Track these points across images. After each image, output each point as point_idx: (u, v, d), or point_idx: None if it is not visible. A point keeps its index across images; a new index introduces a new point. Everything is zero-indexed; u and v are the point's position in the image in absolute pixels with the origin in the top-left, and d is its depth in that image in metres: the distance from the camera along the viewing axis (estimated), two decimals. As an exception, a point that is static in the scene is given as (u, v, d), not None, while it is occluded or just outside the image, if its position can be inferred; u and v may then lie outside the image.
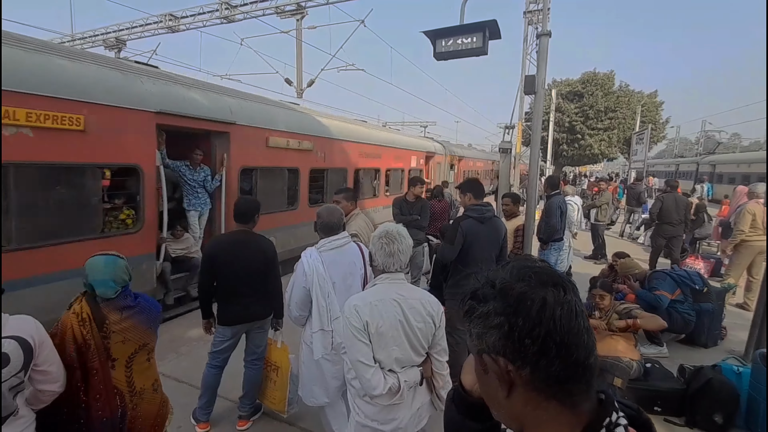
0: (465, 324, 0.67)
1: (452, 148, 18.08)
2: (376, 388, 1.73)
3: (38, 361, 1.61)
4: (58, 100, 3.72)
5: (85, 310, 1.82)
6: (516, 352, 0.60)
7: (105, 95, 4.14)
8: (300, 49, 13.27)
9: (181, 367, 3.89)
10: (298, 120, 7.40)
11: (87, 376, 1.80)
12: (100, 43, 15.90)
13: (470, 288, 0.68)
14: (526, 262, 0.67)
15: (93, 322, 1.81)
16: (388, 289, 1.86)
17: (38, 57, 3.77)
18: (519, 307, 0.60)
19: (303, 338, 2.64)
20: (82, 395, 1.79)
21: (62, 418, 1.80)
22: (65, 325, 1.80)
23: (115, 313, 1.90)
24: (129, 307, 1.94)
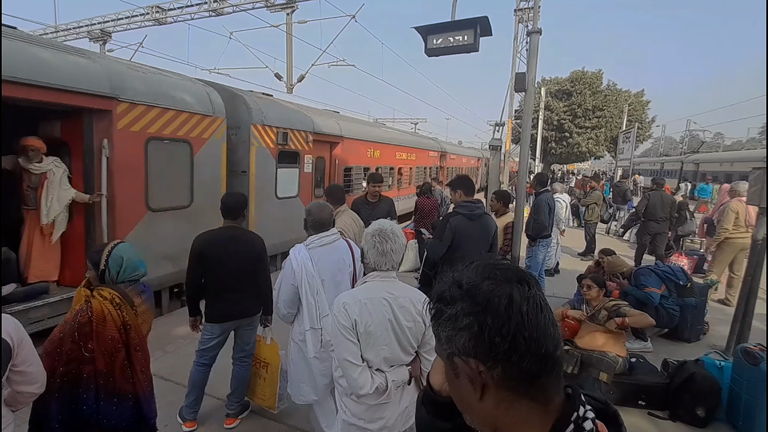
0: (433, 328, 0.66)
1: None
2: (362, 387, 1.72)
3: (17, 361, 1.56)
4: None
5: (114, 295, 1.92)
6: (487, 352, 0.59)
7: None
8: (290, 44, 13.10)
9: (167, 364, 3.83)
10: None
11: (131, 354, 1.95)
12: (84, 35, 15.48)
13: (436, 290, 0.67)
14: (490, 260, 0.67)
15: (126, 305, 1.93)
16: (379, 287, 1.84)
17: None
18: (487, 306, 0.59)
19: (291, 336, 2.62)
20: (129, 371, 1.95)
21: (112, 398, 1.89)
22: (101, 311, 1.86)
23: (137, 296, 2.03)
24: (143, 291, 2.09)
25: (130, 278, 2.06)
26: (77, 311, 1.89)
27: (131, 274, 2.05)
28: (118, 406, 1.90)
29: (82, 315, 1.86)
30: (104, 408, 1.87)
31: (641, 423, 3.21)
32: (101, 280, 2.02)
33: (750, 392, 2.98)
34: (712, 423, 3.16)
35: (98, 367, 1.85)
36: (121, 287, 2.00)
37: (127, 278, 2.05)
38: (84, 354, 1.82)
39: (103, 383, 1.87)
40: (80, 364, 1.82)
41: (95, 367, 1.84)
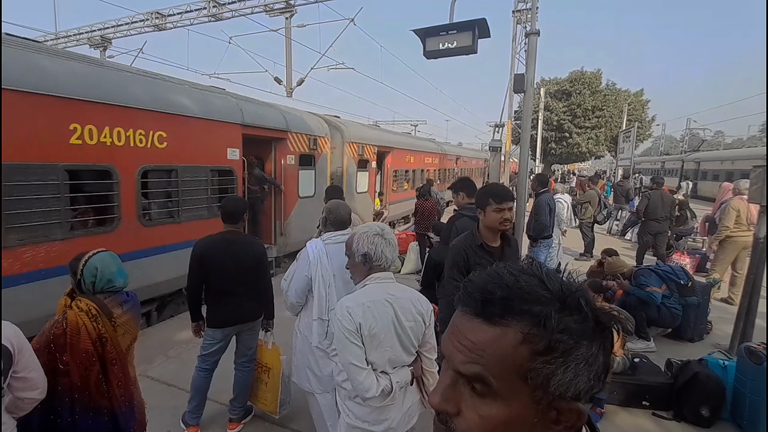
0: (542, 364, 0.52)
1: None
2: (369, 390, 1.71)
3: (17, 367, 1.56)
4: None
5: (91, 306, 1.85)
6: (587, 391, 0.53)
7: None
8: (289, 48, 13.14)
9: (169, 370, 3.83)
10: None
11: (106, 368, 1.89)
12: (84, 42, 15.54)
13: (550, 319, 0.52)
14: (576, 282, 0.59)
15: (103, 317, 1.87)
16: (379, 289, 1.84)
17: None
18: (606, 341, 0.54)
19: (298, 326, 2.66)
20: (104, 386, 1.88)
21: (88, 411, 1.85)
22: (75, 323, 1.81)
23: (117, 307, 1.96)
24: (126, 302, 2.01)
25: (107, 289, 1.97)
26: (53, 322, 1.86)
27: (106, 285, 1.96)
28: (94, 420, 1.86)
29: (57, 326, 1.83)
30: (80, 422, 1.83)
31: (645, 423, 3.19)
32: (79, 289, 1.96)
33: (754, 391, 2.97)
34: (717, 423, 3.14)
35: (73, 380, 1.81)
36: (99, 298, 1.93)
37: (103, 289, 1.96)
38: (59, 366, 1.78)
39: (78, 397, 1.83)
40: (56, 375, 1.78)
41: (70, 380, 1.81)
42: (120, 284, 2.00)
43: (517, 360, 0.52)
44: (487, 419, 0.53)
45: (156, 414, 2.20)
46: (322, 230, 2.85)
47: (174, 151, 4.98)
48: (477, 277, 0.59)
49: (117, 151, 4.37)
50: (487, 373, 0.53)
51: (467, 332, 0.55)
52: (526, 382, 0.52)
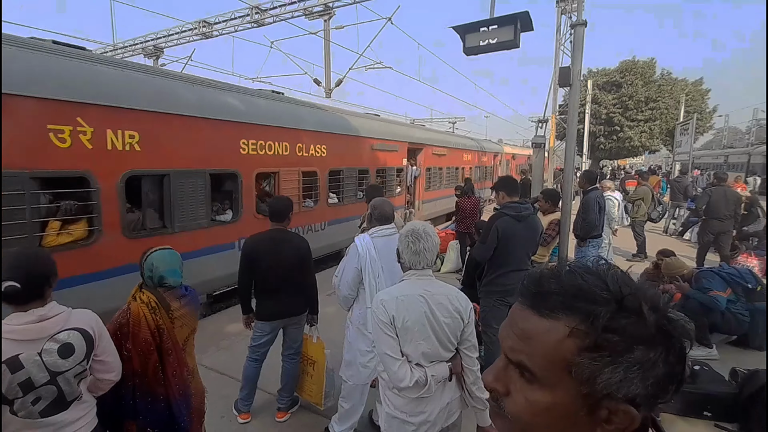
0: (590, 360, 0.53)
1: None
2: (402, 380, 1.76)
3: (97, 351, 1.74)
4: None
5: (152, 299, 2.00)
6: (647, 399, 0.53)
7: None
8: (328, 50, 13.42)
9: (221, 360, 4.06)
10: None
11: (163, 357, 2.01)
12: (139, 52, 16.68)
13: (599, 317, 0.53)
14: (642, 285, 0.58)
15: (162, 309, 2.00)
16: (415, 285, 1.88)
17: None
18: (681, 355, 0.54)
19: (350, 319, 2.79)
20: (161, 374, 2.00)
21: (147, 397, 1.99)
22: (137, 313, 1.96)
23: (175, 301, 2.08)
24: (184, 296, 2.14)
25: (162, 285, 2.07)
26: (120, 312, 2.01)
27: (158, 281, 2.06)
28: (152, 405, 2.00)
29: (122, 315, 1.99)
30: (140, 405, 1.98)
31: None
32: (144, 281, 2.11)
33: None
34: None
35: (134, 367, 1.96)
36: (159, 291, 2.05)
37: (158, 284, 2.07)
38: (123, 352, 1.92)
39: (139, 382, 1.97)
40: (121, 361, 1.90)
41: (132, 366, 1.95)
42: (171, 282, 2.09)
43: (562, 353, 0.54)
44: (532, 403, 0.56)
45: (210, 401, 2.35)
46: (367, 226, 2.94)
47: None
48: (535, 271, 0.62)
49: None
50: (530, 362, 0.56)
51: (518, 321, 0.59)
52: (570, 375, 0.54)
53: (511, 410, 0.59)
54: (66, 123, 3.80)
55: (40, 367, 1.53)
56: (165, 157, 4.68)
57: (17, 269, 1.54)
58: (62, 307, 1.65)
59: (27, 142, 3.56)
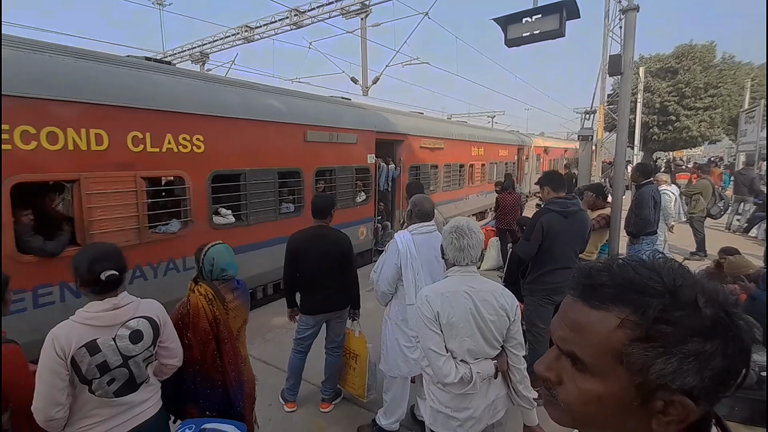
0: (635, 349, 0.54)
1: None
2: (447, 376, 1.77)
3: (162, 338, 1.88)
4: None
5: (209, 291, 2.14)
6: (708, 393, 0.53)
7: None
8: (365, 48, 13.54)
9: (267, 351, 4.24)
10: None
11: (220, 346, 2.13)
12: (187, 58, 17.63)
13: (650, 308, 0.53)
14: (698, 277, 0.58)
15: (218, 301, 2.13)
16: (459, 281, 1.88)
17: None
18: (743, 350, 0.54)
19: (387, 314, 2.83)
20: (218, 362, 2.13)
21: (206, 383, 2.14)
22: (196, 305, 2.11)
23: (229, 293, 2.22)
24: (236, 289, 2.27)
25: (221, 277, 2.22)
26: (181, 303, 2.16)
27: (220, 274, 2.21)
28: (211, 391, 2.13)
29: (183, 307, 2.13)
30: (200, 391, 2.12)
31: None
32: (200, 276, 2.25)
33: None
34: None
35: (194, 354, 2.08)
36: (215, 284, 2.19)
37: (217, 276, 2.22)
38: (184, 341, 2.06)
39: (199, 369, 2.11)
40: (182, 349, 2.04)
41: (192, 354, 2.07)
42: (231, 274, 2.25)
43: (612, 343, 0.55)
44: (584, 392, 0.58)
45: (258, 389, 2.47)
46: (407, 222, 2.96)
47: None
48: (586, 264, 0.63)
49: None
50: (581, 352, 0.58)
51: (569, 312, 0.61)
52: (622, 365, 0.55)
53: (563, 399, 0.61)
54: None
55: (114, 351, 1.68)
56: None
57: (112, 260, 1.70)
58: (132, 297, 1.80)
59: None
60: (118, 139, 3.92)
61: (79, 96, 3.64)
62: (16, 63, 3.34)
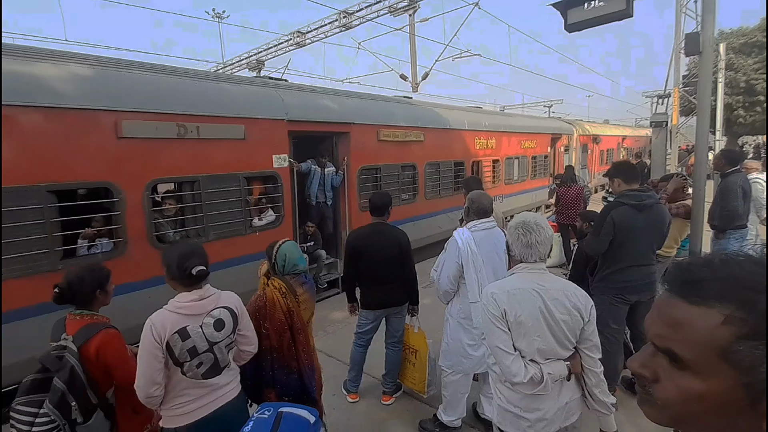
0: (742, 346, 0.52)
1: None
2: (516, 375, 1.73)
3: (240, 326, 2.04)
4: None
5: (282, 285, 2.30)
6: None
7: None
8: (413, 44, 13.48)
9: (328, 343, 4.41)
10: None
11: (294, 335, 2.29)
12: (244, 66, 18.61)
13: (757, 304, 0.51)
14: None
15: (290, 294, 2.29)
16: (527, 279, 1.82)
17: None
18: None
19: (449, 312, 2.83)
20: (293, 350, 2.29)
21: (283, 369, 2.29)
22: (272, 298, 2.27)
23: (299, 287, 2.36)
24: (305, 283, 2.42)
25: (292, 271, 2.38)
26: (257, 296, 2.33)
27: (292, 268, 2.38)
28: (287, 377, 2.28)
29: (260, 299, 2.29)
30: (277, 376, 2.27)
31: None
32: (273, 271, 2.41)
33: None
34: None
35: (272, 343, 2.24)
36: (287, 278, 2.34)
37: (290, 271, 2.37)
38: (262, 330, 2.23)
39: (276, 356, 2.26)
40: (260, 338, 2.21)
41: (270, 342, 2.24)
42: (302, 268, 2.41)
43: (716, 340, 0.53)
44: (684, 390, 0.56)
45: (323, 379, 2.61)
46: (465, 220, 2.92)
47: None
48: (683, 261, 0.61)
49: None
50: (680, 349, 0.55)
51: (666, 308, 0.59)
52: (728, 364, 0.52)
53: (660, 397, 0.59)
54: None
55: (201, 337, 1.85)
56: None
57: (201, 257, 1.88)
58: (214, 289, 1.97)
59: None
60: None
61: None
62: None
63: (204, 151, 4.39)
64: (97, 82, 3.77)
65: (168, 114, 4.09)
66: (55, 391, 1.67)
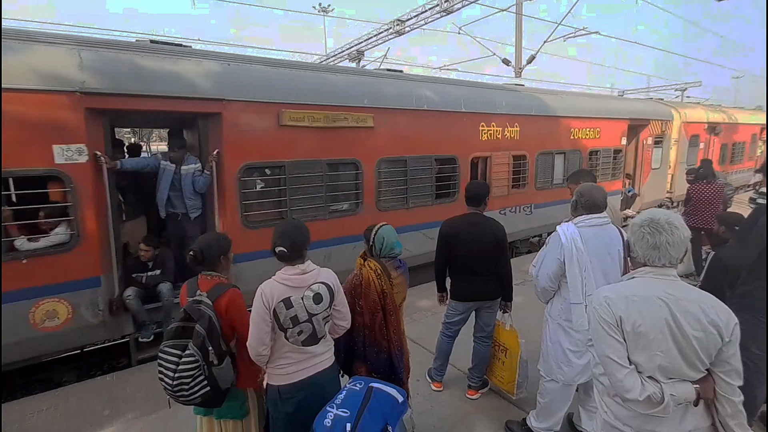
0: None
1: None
2: (629, 391, 1.53)
3: (336, 302, 2.16)
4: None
5: (377, 267, 2.39)
6: None
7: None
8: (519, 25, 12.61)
9: (414, 330, 4.45)
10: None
11: (386, 317, 2.38)
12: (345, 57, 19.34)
13: None
14: None
15: (385, 276, 2.38)
16: (652, 285, 1.58)
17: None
18: None
19: (549, 313, 2.65)
20: (384, 330, 2.39)
21: (374, 347, 2.41)
22: (367, 278, 2.39)
23: (393, 270, 2.45)
24: (399, 267, 2.49)
25: (389, 255, 2.46)
26: (354, 274, 2.44)
27: (389, 251, 2.47)
28: (377, 355, 2.37)
29: (356, 278, 2.40)
30: (368, 353, 2.37)
31: None
32: (370, 253, 2.51)
33: None
34: None
35: (365, 320, 2.35)
36: (382, 261, 2.42)
37: (386, 254, 2.46)
38: (356, 308, 2.34)
39: (368, 334, 2.36)
40: (354, 315, 2.32)
41: (363, 320, 2.35)
42: (398, 252, 2.50)
43: None
44: None
45: (408, 364, 2.65)
46: (572, 214, 2.67)
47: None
48: None
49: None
50: None
51: None
52: None
53: None
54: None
55: (302, 308, 2.00)
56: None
57: (286, 237, 2.04)
58: (314, 265, 2.11)
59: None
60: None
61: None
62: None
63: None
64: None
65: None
66: (197, 335, 1.97)
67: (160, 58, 4.06)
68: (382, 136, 5.40)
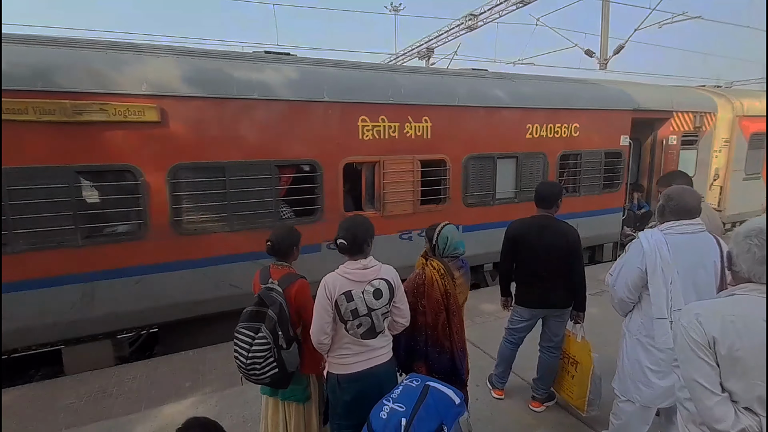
0: None
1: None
2: (720, 421, 1.37)
3: (396, 299, 2.16)
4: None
5: (440, 267, 2.38)
6: None
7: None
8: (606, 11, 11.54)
9: (475, 333, 4.32)
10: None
11: (449, 317, 2.37)
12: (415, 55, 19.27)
13: None
14: None
15: (448, 276, 2.36)
16: (755, 304, 1.39)
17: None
18: None
19: (627, 326, 2.42)
20: (447, 330, 2.38)
21: (435, 347, 2.40)
22: (430, 277, 2.38)
23: (456, 270, 2.42)
24: (462, 267, 2.46)
25: (452, 254, 2.43)
26: (416, 274, 2.42)
27: (452, 251, 2.43)
28: (439, 355, 2.33)
29: (419, 278, 2.39)
30: (430, 352, 2.34)
31: None
32: (432, 252, 2.47)
33: None
34: None
35: (427, 320, 2.32)
36: (445, 261, 2.39)
37: (449, 254, 2.42)
38: (419, 307, 2.32)
39: (430, 333, 2.33)
40: (416, 314, 2.32)
41: (425, 319, 2.32)
42: (461, 252, 2.46)
43: None
44: None
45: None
46: (658, 220, 2.39)
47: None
48: None
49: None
50: None
51: None
52: None
53: None
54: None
55: (362, 302, 2.04)
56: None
57: (348, 231, 2.09)
58: (376, 261, 2.14)
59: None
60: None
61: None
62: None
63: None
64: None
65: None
66: (269, 319, 2.12)
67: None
68: (177, 135, 3.96)
